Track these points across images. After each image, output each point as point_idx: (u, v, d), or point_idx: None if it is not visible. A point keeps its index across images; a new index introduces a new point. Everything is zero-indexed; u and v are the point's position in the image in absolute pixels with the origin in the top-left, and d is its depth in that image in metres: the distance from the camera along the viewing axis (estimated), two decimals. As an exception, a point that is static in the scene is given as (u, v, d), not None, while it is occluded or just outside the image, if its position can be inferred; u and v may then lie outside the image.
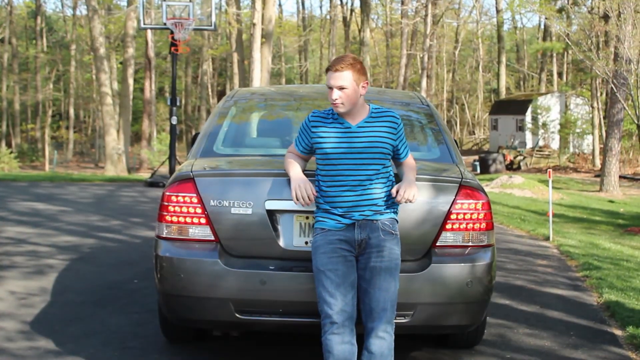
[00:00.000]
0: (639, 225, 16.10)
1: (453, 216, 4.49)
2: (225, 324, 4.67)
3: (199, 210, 4.46)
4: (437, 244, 4.49)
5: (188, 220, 4.48)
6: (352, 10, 56.11)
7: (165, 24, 19.09)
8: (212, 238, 4.47)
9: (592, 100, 41.36)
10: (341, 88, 4.06)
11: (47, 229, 10.50)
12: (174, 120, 19.46)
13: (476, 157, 39.62)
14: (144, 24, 21.47)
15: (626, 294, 7.25)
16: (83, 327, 5.74)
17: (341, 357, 4.07)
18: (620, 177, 28.14)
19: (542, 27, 54.42)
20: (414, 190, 4.12)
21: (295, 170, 4.29)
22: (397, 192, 4.10)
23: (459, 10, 57.00)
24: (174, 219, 4.51)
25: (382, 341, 4.04)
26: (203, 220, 4.47)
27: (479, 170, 35.56)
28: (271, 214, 4.42)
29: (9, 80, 49.68)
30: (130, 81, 37.04)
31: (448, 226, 4.48)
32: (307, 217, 4.44)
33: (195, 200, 4.47)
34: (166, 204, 4.52)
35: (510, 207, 17.58)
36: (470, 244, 4.52)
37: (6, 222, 11.00)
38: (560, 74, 56.60)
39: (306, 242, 4.43)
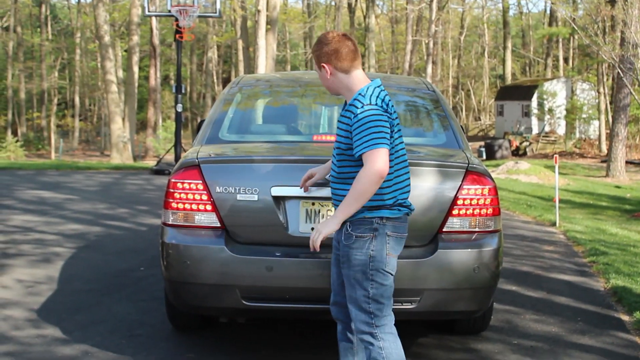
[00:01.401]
0: (646, 210, 16.06)
1: (460, 202, 4.47)
2: (231, 310, 4.67)
3: (204, 197, 4.46)
4: (444, 230, 4.48)
5: (194, 207, 4.48)
6: (357, -3, 55.87)
7: (169, 11, 19.01)
8: (218, 225, 4.47)
9: (598, 86, 41.20)
10: None
11: (53, 217, 10.51)
12: (179, 108, 19.43)
13: (482, 143, 39.53)
14: (149, 11, 21.37)
15: (633, 280, 7.23)
16: (90, 315, 5.75)
17: (339, 346, 4.12)
18: (627, 162, 28.07)
19: (548, 12, 54.19)
20: (320, 235, 3.71)
21: None
22: None
23: (465, -4, 56.80)
24: (180, 205, 4.50)
25: (366, 350, 3.85)
26: (209, 207, 4.46)
27: (484, 157, 35.47)
28: (277, 200, 4.42)
29: (14, 68, 49.67)
30: (135, 69, 37.02)
31: (455, 212, 4.47)
32: (313, 204, 4.43)
33: (201, 187, 4.46)
34: (172, 190, 4.52)
35: (517, 193, 17.55)
36: (477, 229, 4.51)
37: (13, 211, 11.01)
38: (566, 59, 56.40)
39: (312, 229, 4.41)
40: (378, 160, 3.59)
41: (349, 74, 3.80)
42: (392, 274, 3.80)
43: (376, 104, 3.69)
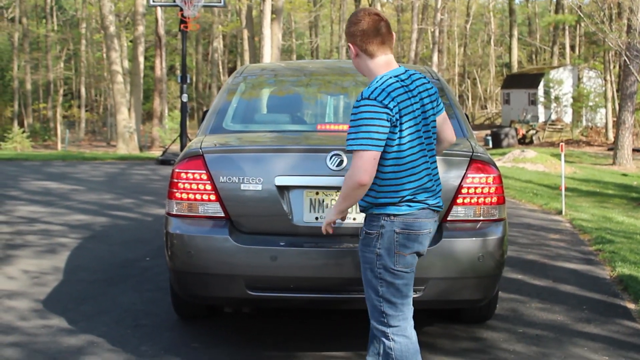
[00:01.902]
0: (653, 198, 16.02)
1: (464, 190, 4.46)
2: (236, 300, 4.68)
3: (208, 187, 4.45)
4: (448, 219, 4.47)
5: (198, 197, 4.47)
6: (362, -15, 55.70)
7: (174, 1, 18.99)
8: (222, 215, 4.47)
9: (604, 73, 41.07)
10: None
11: (59, 207, 10.53)
12: (185, 98, 19.42)
13: (488, 131, 39.45)
14: (154, 1, 21.32)
15: (639, 268, 7.21)
16: (95, 305, 5.76)
17: (370, 332, 4.01)
18: (634, 150, 27.99)
19: (554, -1, 53.97)
20: (325, 223, 3.77)
21: None
22: None
23: (470, -16, 56.59)
24: (184, 196, 4.50)
25: (381, 343, 3.72)
26: (213, 197, 4.46)
27: (491, 145, 35.40)
28: (281, 189, 4.41)
29: (20, 60, 49.70)
30: (141, 59, 36.94)
31: (459, 200, 4.46)
32: (317, 193, 4.42)
33: (204, 176, 4.46)
34: (176, 181, 4.52)
35: (523, 181, 17.51)
36: (481, 218, 4.50)
37: (19, 202, 11.03)
38: (572, 47, 56.16)
39: (316, 218, 4.41)
40: (358, 168, 3.41)
41: (373, 58, 3.58)
42: (405, 272, 3.62)
43: (376, 99, 3.42)
